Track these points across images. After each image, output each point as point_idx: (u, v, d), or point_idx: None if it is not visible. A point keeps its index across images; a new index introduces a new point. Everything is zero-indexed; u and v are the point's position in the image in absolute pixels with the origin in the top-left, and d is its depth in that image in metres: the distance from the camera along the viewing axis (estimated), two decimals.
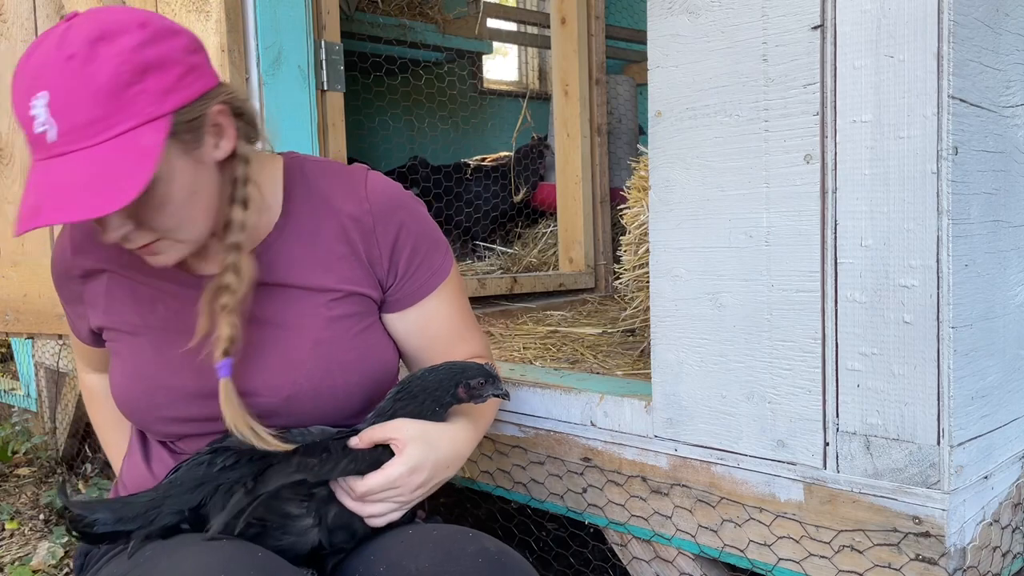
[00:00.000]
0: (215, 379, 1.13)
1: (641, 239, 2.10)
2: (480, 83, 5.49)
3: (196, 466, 1.14)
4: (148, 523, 1.09)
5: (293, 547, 1.13)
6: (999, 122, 1.20)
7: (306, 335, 1.23)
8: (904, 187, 1.12)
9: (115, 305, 1.27)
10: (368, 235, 1.26)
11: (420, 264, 1.30)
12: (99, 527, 1.08)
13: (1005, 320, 1.25)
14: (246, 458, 1.12)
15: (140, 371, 1.25)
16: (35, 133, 0.99)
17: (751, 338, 1.29)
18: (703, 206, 1.34)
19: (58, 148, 0.99)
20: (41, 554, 2.48)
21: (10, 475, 3.24)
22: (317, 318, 1.24)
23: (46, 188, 0.99)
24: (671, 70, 1.36)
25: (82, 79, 0.97)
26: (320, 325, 1.23)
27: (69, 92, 0.97)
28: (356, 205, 1.26)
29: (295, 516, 1.13)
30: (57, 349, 3.11)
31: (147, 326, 1.25)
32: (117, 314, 1.27)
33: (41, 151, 1.00)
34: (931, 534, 1.13)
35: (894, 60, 1.12)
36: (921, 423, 1.13)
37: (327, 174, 1.30)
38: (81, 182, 0.98)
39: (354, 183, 1.29)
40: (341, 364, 1.24)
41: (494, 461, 1.74)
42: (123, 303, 1.27)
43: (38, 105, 0.97)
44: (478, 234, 4.01)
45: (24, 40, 2.54)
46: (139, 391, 1.24)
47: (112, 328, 1.28)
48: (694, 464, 1.39)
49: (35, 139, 0.99)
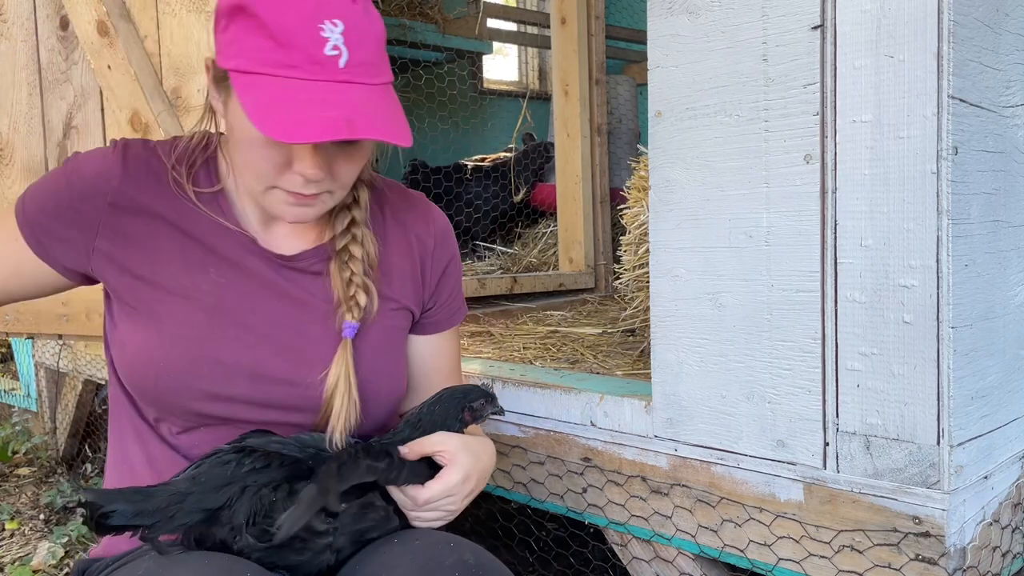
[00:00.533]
0: (267, 360, 1.16)
1: (641, 239, 2.10)
2: (480, 83, 5.50)
3: (221, 464, 1.09)
4: (167, 519, 1.04)
5: (307, 564, 1.11)
6: (999, 122, 1.21)
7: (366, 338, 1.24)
8: (904, 187, 1.12)
9: (163, 258, 1.18)
10: (427, 256, 1.32)
11: (454, 297, 1.38)
12: (116, 519, 1.02)
13: (1005, 320, 1.25)
14: (277, 462, 1.09)
15: (187, 338, 1.16)
16: (325, 54, 1.02)
17: (751, 338, 1.29)
18: (703, 206, 1.34)
19: (345, 75, 1.04)
20: (41, 554, 2.48)
21: (10, 475, 3.24)
22: (377, 324, 1.25)
23: (353, 106, 1.03)
24: (671, 70, 1.36)
25: (368, 23, 1.06)
26: (378, 330, 1.25)
27: (360, 31, 1.05)
28: (423, 226, 1.33)
29: (319, 532, 1.10)
30: (57, 349, 3.11)
31: (199, 291, 1.18)
32: (165, 270, 1.18)
33: (324, 72, 1.03)
34: (931, 534, 1.13)
35: (894, 60, 1.12)
36: (921, 423, 1.13)
37: (393, 188, 1.35)
38: (385, 112, 1.05)
39: (419, 204, 1.36)
40: (381, 374, 1.26)
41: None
42: (172, 260, 1.18)
43: (333, 31, 1.02)
44: (478, 234, 4.01)
45: (24, 40, 2.54)
46: (180, 359, 1.16)
47: (154, 283, 1.18)
48: (694, 464, 1.39)
49: (321, 59, 1.02)
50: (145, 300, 1.18)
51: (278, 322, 1.19)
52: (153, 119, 2.14)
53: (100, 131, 2.38)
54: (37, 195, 1.20)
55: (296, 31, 1.01)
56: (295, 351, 1.19)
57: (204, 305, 1.18)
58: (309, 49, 1.02)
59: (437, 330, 1.37)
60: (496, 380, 1.75)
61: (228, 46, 1.07)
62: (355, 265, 1.22)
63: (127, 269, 1.18)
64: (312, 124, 1.00)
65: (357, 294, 1.21)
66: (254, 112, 1.01)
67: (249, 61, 1.04)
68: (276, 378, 1.18)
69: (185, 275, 1.18)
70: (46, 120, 2.53)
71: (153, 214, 1.19)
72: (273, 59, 1.02)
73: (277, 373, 1.18)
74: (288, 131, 0.99)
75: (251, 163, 1.11)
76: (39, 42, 2.51)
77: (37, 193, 1.20)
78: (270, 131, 0.99)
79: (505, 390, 1.72)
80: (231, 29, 1.06)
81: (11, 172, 2.66)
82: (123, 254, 1.18)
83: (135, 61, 2.17)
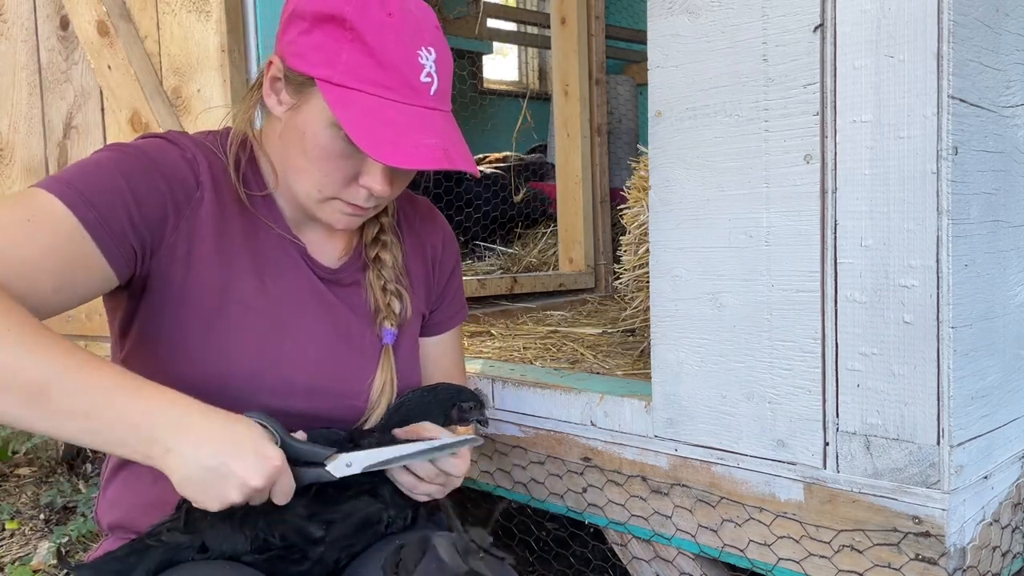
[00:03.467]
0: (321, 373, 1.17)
1: (641, 239, 2.10)
2: (480, 83, 5.50)
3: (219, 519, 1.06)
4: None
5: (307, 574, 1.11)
6: (999, 122, 1.21)
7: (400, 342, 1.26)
8: (904, 187, 1.12)
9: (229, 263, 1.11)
10: (436, 260, 1.35)
11: (456, 298, 1.40)
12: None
13: (1005, 320, 1.25)
14: None
15: (251, 350, 1.11)
16: (420, 81, 1.05)
17: (751, 338, 1.29)
18: (703, 206, 1.34)
19: (433, 102, 1.07)
20: (41, 554, 2.48)
21: (10, 475, 3.23)
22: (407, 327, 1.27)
23: (444, 135, 1.06)
24: (671, 70, 1.36)
25: (447, 52, 1.09)
26: (407, 334, 1.27)
27: (446, 60, 1.09)
28: (432, 231, 1.35)
29: (315, 539, 1.10)
30: None
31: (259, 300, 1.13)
32: (232, 276, 1.11)
33: (418, 98, 1.05)
34: (931, 534, 1.13)
35: (894, 60, 1.12)
36: (921, 423, 1.13)
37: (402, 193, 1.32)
38: (462, 142, 1.09)
39: (425, 208, 1.38)
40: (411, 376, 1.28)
41: (494, 461, 1.74)
42: (237, 266, 1.12)
43: (428, 58, 1.05)
44: (478, 234, 4.01)
45: (24, 40, 2.54)
46: (243, 372, 1.10)
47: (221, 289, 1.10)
48: (694, 464, 1.39)
49: (416, 85, 1.05)
50: (208, 307, 1.10)
51: (328, 334, 1.19)
52: (153, 119, 2.14)
53: (100, 131, 2.38)
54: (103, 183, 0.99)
55: (397, 54, 1.02)
56: (344, 364, 1.20)
57: (266, 316, 1.13)
58: (406, 74, 1.03)
59: (441, 331, 1.39)
60: (496, 380, 1.75)
61: (313, 51, 1.05)
62: (387, 272, 1.24)
63: (196, 270, 1.09)
64: (416, 150, 1.01)
65: (392, 301, 1.23)
66: (354, 129, 1.00)
67: (344, 75, 1.03)
68: (329, 391, 1.18)
69: (247, 282, 1.12)
70: (46, 120, 2.54)
71: (225, 214, 1.12)
72: (372, 78, 1.02)
73: (330, 387, 1.18)
74: (392, 154, 1.00)
75: (317, 172, 1.08)
76: (39, 42, 2.51)
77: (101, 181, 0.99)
78: (374, 150, 1.00)
79: (505, 390, 1.72)
80: (316, 34, 1.04)
81: (11, 172, 2.66)
82: (198, 254, 1.09)
83: (135, 61, 2.17)
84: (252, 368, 1.11)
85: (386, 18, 1.03)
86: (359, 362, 1.21)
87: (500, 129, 5.24)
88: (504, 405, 1.70)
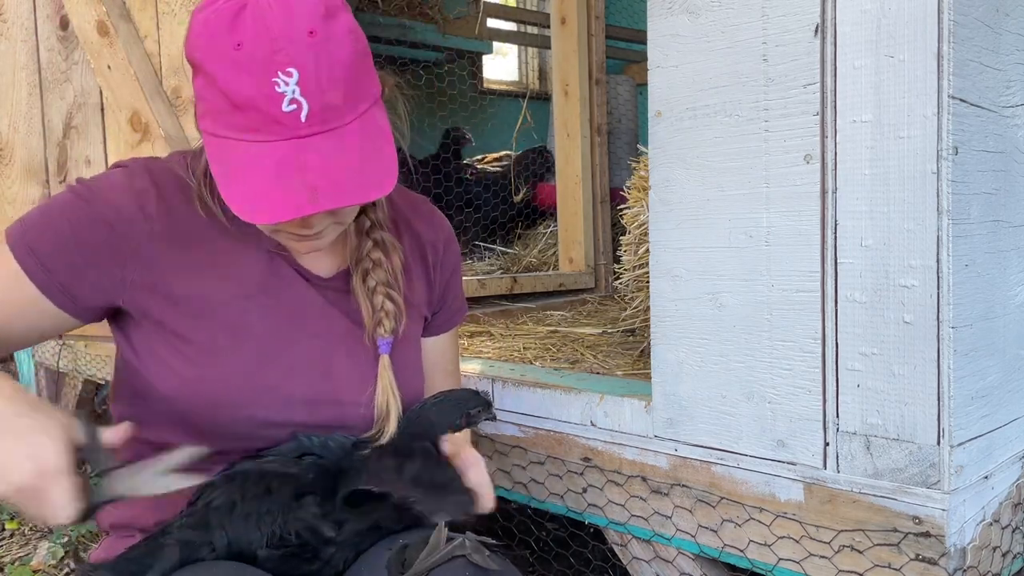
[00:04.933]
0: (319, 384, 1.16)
1: (641, 239, 2.10)
2: (480, 83, 5.49)
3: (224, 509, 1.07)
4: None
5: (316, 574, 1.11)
6: (999, 122, 1.21)
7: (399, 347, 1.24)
8: (904, 187, 1.12)
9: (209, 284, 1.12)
10: (437, 261, 1.33)
11: (457, 298, 1.40)
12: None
13: (1005, 320, 1.25)
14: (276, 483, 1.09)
15: (243, 369, 1.12)
16: (283, 111, 0.94)
17: (751, 338, 1.29)
18: (703, 206, 1.34)
19: (307, 128, 0.96)
20: (41, 554, 2.47)
21: None
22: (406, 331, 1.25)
23: (318, 167, 0.95)
24: (671, 70, 1.36)
25: (327, 58, 0.95)
26: (406, 338, 1.26)
27: (318, 73, 0.95)
28: (433, 232, 1.33)
29: (327, 539, 1.10)
30: (57, 349, 3.11)
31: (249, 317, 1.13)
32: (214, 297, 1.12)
33: (285, 131, 0.96)
34: (931, 534, 1.13)
35: (894, 60, 1.12)
36: (921, 423, 1.13)
37: (400, 193, 1.31)
38: (353, 165, 0.97)
39: (424, 208, 1.36)
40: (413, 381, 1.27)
41: (494, 461, 1.74)
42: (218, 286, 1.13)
43: (288, 83, 0.94)
44: (478, 234, 4.01)
45: (24, 40, 2.54)
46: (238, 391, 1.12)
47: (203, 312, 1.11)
48: (694, 464, 1.39)
49: (279, 117, 0.95)
50: (194, 329, 1.11)
51: (324, 343, 1.18)
52: (153, 119, 2.14)
53: (100, 131, 2.38)
54: (48, 230, 1.07)
55: (249, 91, 0.94)
56: (343, 373, 1.19)
57: (256, 333, 1.13)
58: (265, 108, 0.94)
59: (441, 331, 1.39)
60: (496, 380, 1.75)
61: (197, 102, 1.02)
62: (381, 284, 1.20)
63: (173, 298, 1.10)
64: (274, 200, 0.95)
65: (387, 307, 1.21)
66: (223, 186, 0.97)
67: (215, 124, 0.98)
68: (329, 402, 1.17)
69: (233, 301, 1.12)
70: (46, 120, 2.54)
71: (193, 238, 1.11)
72: (232, 123, 0.97)
73: (330, 396, 1.17)
74: (251, 209, 0.95)
75: None
76: (39, 42, 2.51)
77: (47, 228, 1.07)
78: (236, 209, 0.96)
79: (505, 390, 1.72)
80: (196, 83, 1.01)
81: (11, 172, 2.66)
82: (167, 283, 1.10)
83: (135, 61, 2.18)
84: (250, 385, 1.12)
85: (233, 52, 0.94)
86: (358, 370, 1.20)
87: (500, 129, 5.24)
88: (504, 405, 1.70)
